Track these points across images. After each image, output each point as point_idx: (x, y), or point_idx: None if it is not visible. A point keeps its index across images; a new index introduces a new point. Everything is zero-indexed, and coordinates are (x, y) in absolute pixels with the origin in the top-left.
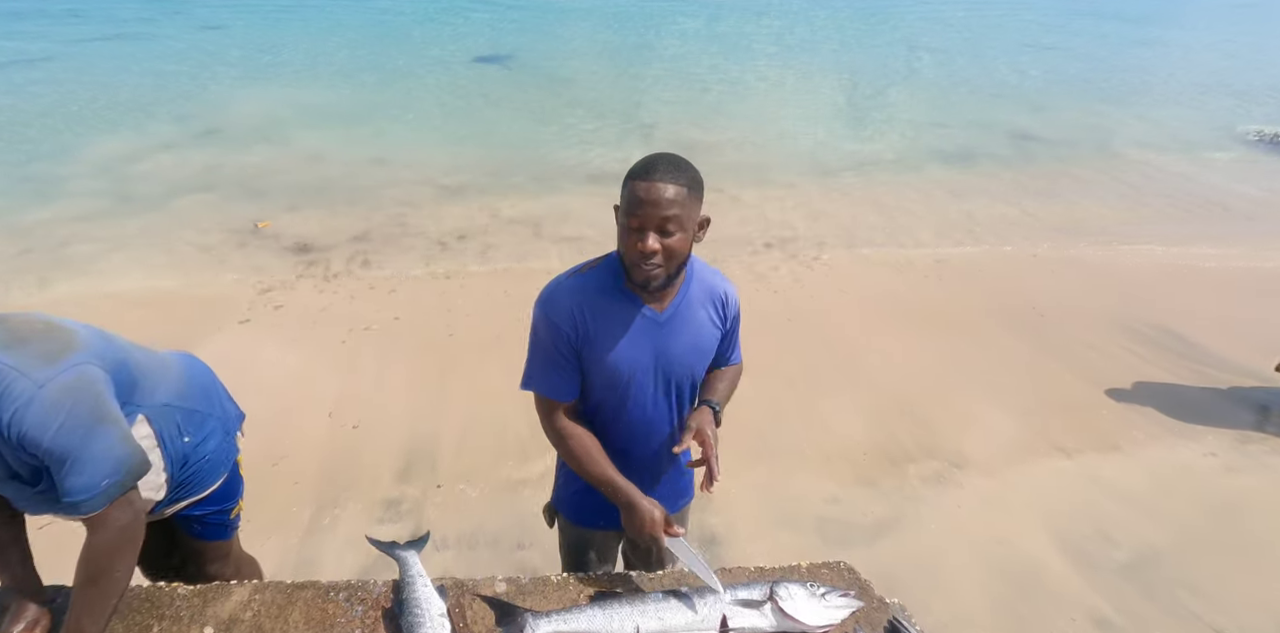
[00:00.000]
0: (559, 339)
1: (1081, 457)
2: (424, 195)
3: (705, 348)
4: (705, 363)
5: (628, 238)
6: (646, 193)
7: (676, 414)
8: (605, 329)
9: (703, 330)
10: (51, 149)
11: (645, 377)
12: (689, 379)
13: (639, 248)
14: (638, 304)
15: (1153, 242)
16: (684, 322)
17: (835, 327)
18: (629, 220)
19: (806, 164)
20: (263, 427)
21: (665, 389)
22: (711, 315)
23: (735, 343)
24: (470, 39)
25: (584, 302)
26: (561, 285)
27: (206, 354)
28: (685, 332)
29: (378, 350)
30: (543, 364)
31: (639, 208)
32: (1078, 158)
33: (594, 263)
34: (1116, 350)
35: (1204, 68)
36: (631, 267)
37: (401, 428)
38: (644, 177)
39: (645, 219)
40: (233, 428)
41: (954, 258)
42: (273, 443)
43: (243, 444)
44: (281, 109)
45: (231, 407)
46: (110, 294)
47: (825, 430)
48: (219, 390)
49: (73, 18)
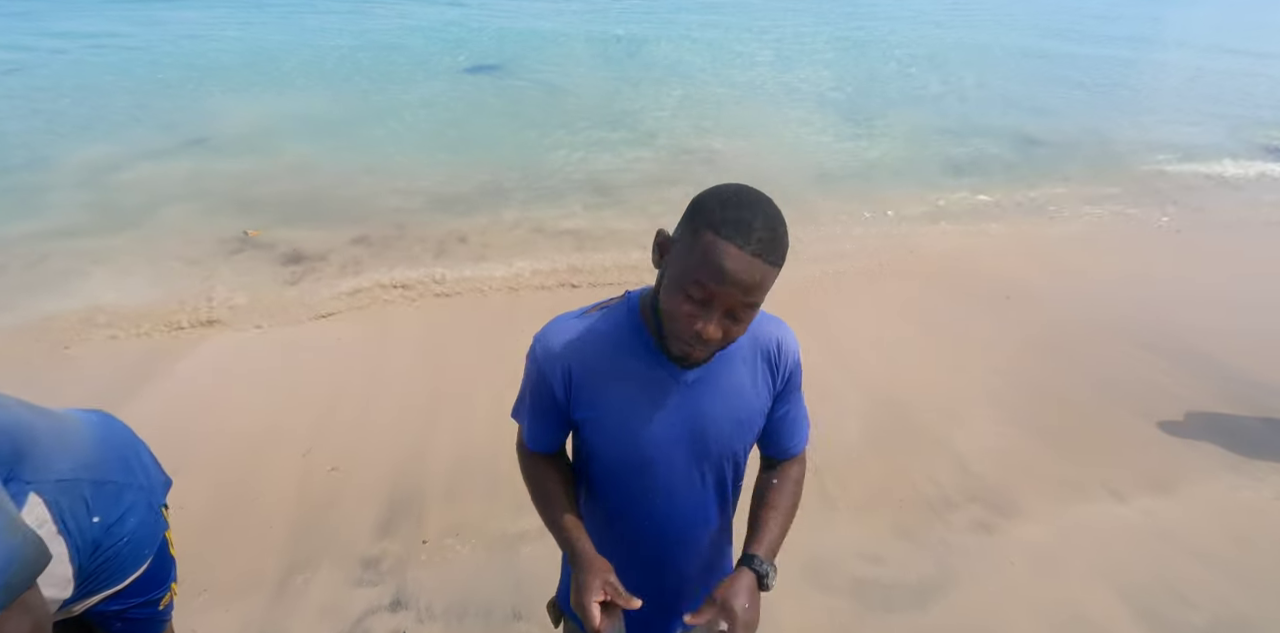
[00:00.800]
0: (543, 390)
1: (1137, 500)
2: (416, 208)
3: (746, 419)
4: (748, 440)
5: (683, 307)
6: (735, 268)
7: (718, 509)
8: (613, 393)
9: (742, 394)
10: (31, 159)
11: (673, 457)
12: (730, 460)
13: (697, 329)
14: (659, 358)
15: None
16: (717, 381)
17: (852, 355)
18: (694, 289)
19: (810, 172)
20: (229, 467)
21: (701, 474)
22: (758, 374)
23: (798, 419)
24: (461, 49)
25: (586, 354)
26: (561, 327)
27: (175, 380)
28: (719, 395)
29: (364, 379)
30: (529, 405)
31: (718, 281)
32: (1088, 165)
33: (609, 303)
34: (1153, 375)
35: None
36: (673, 338)
37: (385, 471)
38: (738, 240)
39: (719, 297)
40: (158, 499)
41: (966, 272)
42: (240, 487)
43: (173, 517)
44: (270, 118)
45: (157, 473)
46: (80, 312)
47: (855, 475)
48: (140, 454)
49: (55, 27)
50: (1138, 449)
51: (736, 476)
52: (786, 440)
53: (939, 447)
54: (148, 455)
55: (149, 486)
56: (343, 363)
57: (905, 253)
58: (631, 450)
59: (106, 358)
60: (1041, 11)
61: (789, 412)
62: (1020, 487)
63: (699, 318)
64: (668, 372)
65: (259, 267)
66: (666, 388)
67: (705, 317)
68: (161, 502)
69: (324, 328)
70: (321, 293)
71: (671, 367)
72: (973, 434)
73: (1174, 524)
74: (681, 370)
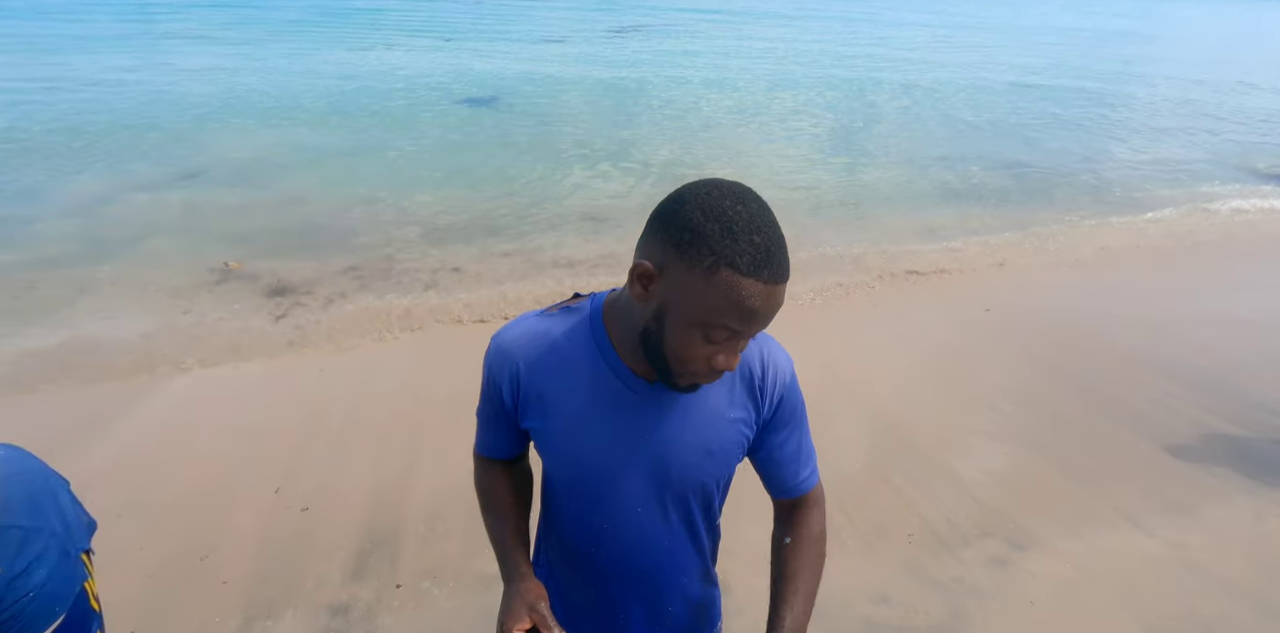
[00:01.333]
0: (492, 393)
1: (1162, 532)
2: (409, 238)
3: (719, 450)
4: (721, 475)
5: (700, 349)
6: (766, 304)
7: (692, 550)
8: (564, 403)
9: (715, 421)
10: (22, 190)
11: (627, 483)
12: (699, 494)
13: (719, 364)
14: (618, 369)
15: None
16: (685, 402)
17: (851, 379)
18: (718, 333)
19: (805, 196)
20: (194, 507)
21: (663, 507)
22: (735, 399)
23: (800, 452)
24: (456, 80)
25: (538, 358)
26: (517, 326)
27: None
28: (686, 418)
29: (344, 412)
30: (480, 407)
31: (748, 322)
32: (1081, 193)
33: (570, 302)
34: (1159, 395)
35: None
36: (682, 375)
37: (359, 510)
38: (763, 275)
39: (748, 333)
40: (76, 545)
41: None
42: (203, 530)
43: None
44: (266, 151)
45: (76, 515)
46: (57, 344)
47: (860, 507)
48: (56, 494)
49: (54, 63)
50: (1152, 474)
51: (709, 514)
52: (788, 476)
53: (947, 474)
54: (66, 494)
55: (64, 530)
56: (322, 396)
57: (902, 274)
58: (580, 469)
59: (77, 391)
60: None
61: (786, 442)
62: (1035, 517)
63: (719, 353)
64: (627, 385)
65: (243, 298)
66: (624, 403)
67: (727, 352)
68: (82, 547)
69: (304, 360)
70: (305, 325)
71: (633, 379)
72: (980, 460)
73: (1200, 555)
74: (646, 385)
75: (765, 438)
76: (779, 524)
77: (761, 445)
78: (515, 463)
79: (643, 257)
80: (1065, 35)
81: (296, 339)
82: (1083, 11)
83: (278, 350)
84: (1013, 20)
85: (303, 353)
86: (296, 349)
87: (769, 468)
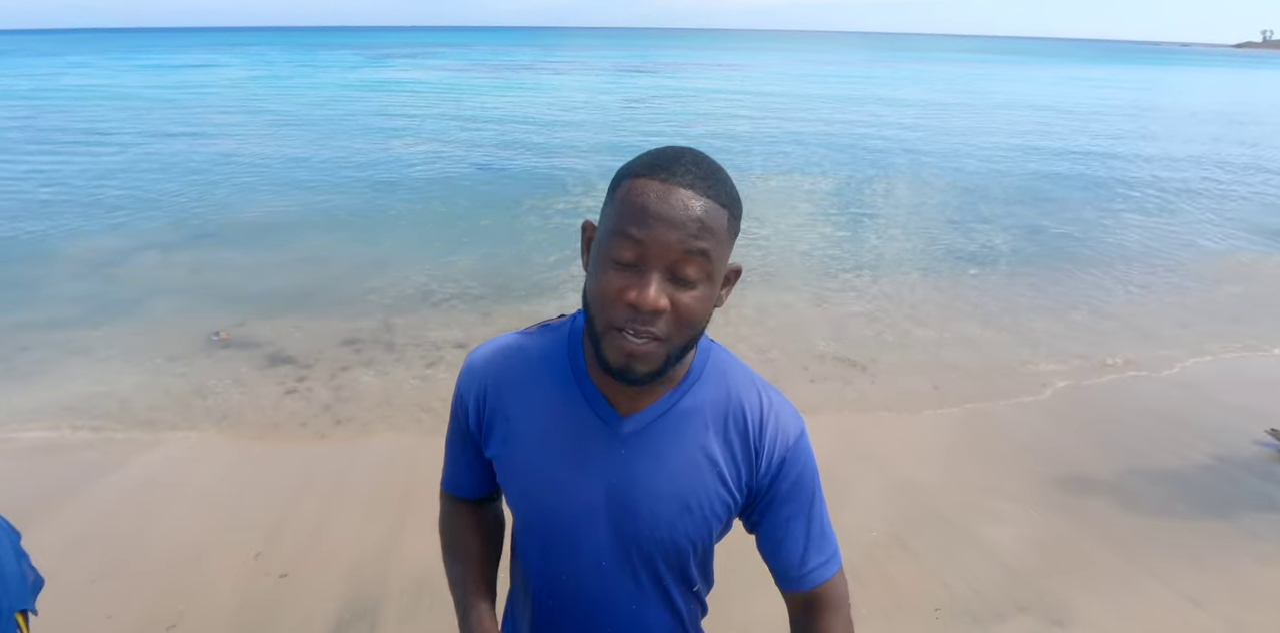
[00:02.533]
0: (458, 413)
1: (1218, 609)
2: (414, 304)
3: (698, 505)
4: (700, 536)
5: (610, 280)
6: (661, 201)
7: (661, 610)
8: (527, 428)
9: (696, 466)
10: (36, 250)
11: (590, 530)
12: (671, 552)
13: (631, 299)
14: (592, 397)
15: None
16: (662, 442)
17: (868, 439)
18: (620, 247)
19: (819, 258)
20: (169, 573)
21: (628, 559)
22: (725, 454)
23: (811, 532)
24: (465, 147)
25: (512, 372)
26: (492, 344)
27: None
28: (661, 462)
29: (332, 478)
30: (449, 438)
31: (642, 226)
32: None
33: (555, 320)
34: (1191, 453)
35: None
36: (606, 332)
37: (341, 577)
38: (658, 174)
39: (652, 248)
40: (13, 603)
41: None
42: (176, 596)
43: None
44: (278, 213)
45: (18, 571)
46: (42, 406)
47: (881, 578)
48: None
49: (90, 133)
50: (1196, 539)
51: (685, 579)
52: (793, 561)
53: (973, 541)
54: (9, 548)
55: (2, 587)
56: (309, 460)
57: (915, 332)
58: (536, 507)
59: (58, 455)
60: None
61: (793, 519)
62: (1074, 590)
63: (632, 285)
64: (597, 412)
65: (237, 365)
66: (592, 435)
67: (638, 280)
68: (20, 606)
69: (296, 431)
70: (301, 398)
71: (605, 407)
72: (1008, 525)
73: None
74: (619, 418)
75: (766, 512)
76: (796, 628)
77: (762, 520)
78: (484, 504)
79: None
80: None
81: (292, 412)
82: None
83: (268, 421)
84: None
85: (296, 422)
86: (293, 424)
87: (771, 548)
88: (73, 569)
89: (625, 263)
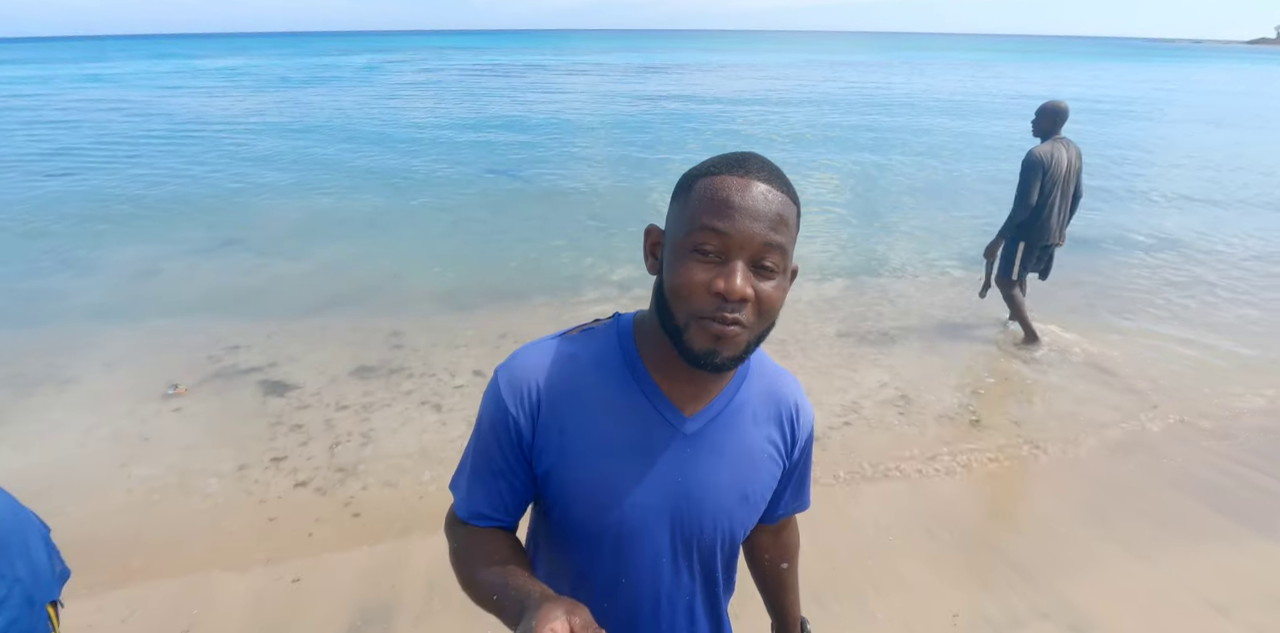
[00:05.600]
0: (501, 431)
1: (1243, 615)
2: (428, 315)
3: (754, 493)
4: (749, 523)
5: (693, 271)
6: (742, 194)
7: (707, 619)
8: (589, 436)
9: (754, 461)
10: (63, 263)
11: (653, 533)
12: (727, 546)
13: (719, 288)
14: (655, 399)
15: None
16: (724, 437)
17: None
18: (700, 239)
19: (839, 263)
20: (185, 577)
21: (689, 563)
22: (773, 440)
23: (804, 483)
24: (477, 152)
25: (564, 380)
26: (532, 352)
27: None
28: (724, 457)
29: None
30: (476, 462)
31: (726, 218)
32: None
33: (593, 324)
34: (1211, 457)
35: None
36: (690, 323)
37: (353, 582)
38: (735, 170)
39: (735, 239)
40: (43, 594)
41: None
42: (190, 601)
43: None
44: (299, 221)
45: (48, 563)
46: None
47: (898, 585)
48: (27, 539)
49: (110, 143)
50: (1221, 546)
51: (730, 567)
52: (777, 510)
53: (991, 547)
54: (40, 541)
55: (32, 578)
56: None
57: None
58: (601, 516)
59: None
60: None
61: (794, 479)
62: (1097, 597)
63: (717, 277)
64: (663, 413)
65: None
66: (658, 436)
67: (725, 271)
68: (49, 598)
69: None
70: (306, 406)
71: (669, 407)
72: (1025, 530)
73: None
74: (683, 416)
75: (784, 481)
76: (765, 548)
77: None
78: (510, 535)
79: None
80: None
81: (284, 421)
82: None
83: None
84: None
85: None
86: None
87: (774, 499)
88: (83, 571)
89: (709, 253)
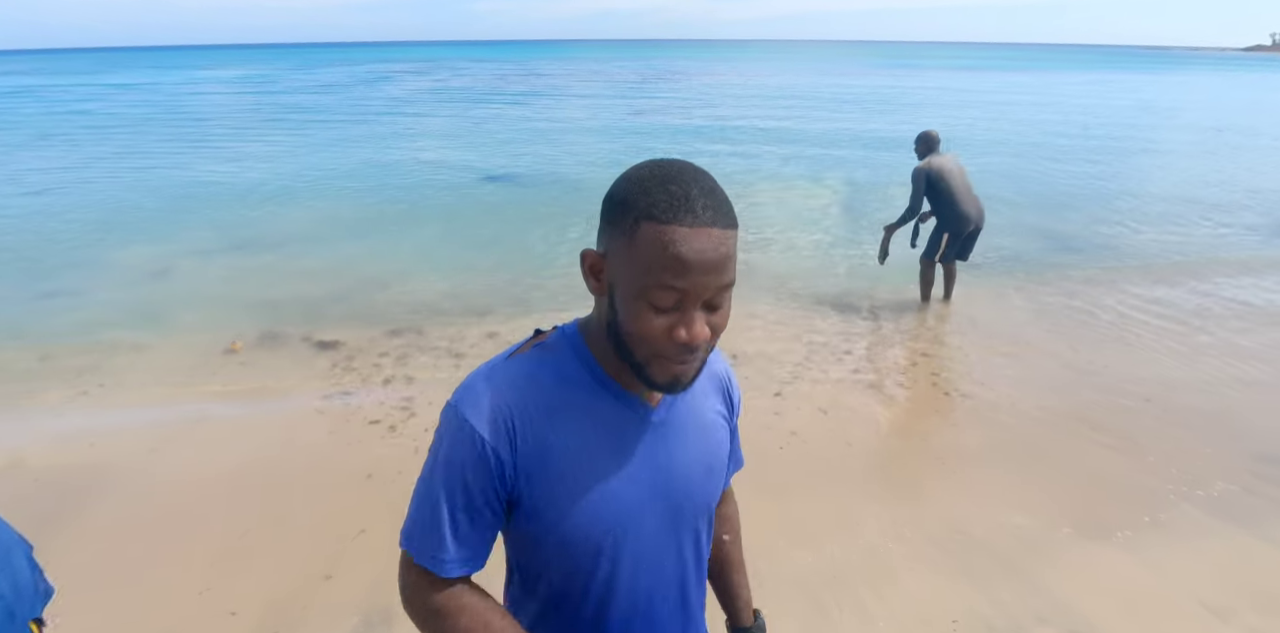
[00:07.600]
0: (480, 464)
1: (1241, 620)
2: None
3: (717, 464)
4: (718, 489)
5: (654, 322)
6: (696, 249)
7: (696, 586)
8: (575, 445)
9: (711, 433)
10: (74, 262)
11: (642, 524)
12: (706, 518)
13: (682, 338)
14: (623, 398)
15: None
16: (685, 419)
17: (880, 456)
18: (659, 295)
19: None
20: (197, 571)
21: (678, 543)
22: (718, 409)
23: (738, 442)
24: (476, 158)
25: (534, 401)
26: (488, 379)
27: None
28: (688, 436)
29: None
30: (432, 508)
31: (682, 275)
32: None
33: (538, 340)
34: (1208, 451)
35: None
36: (651, 360)
37: (372, 582)
38: (684, 218)
39: (692, 292)
40: (24, 611)
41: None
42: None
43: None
44: (307, 224)
45: (29, 579)
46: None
47: (897, 588)
48: (8, 555)
49: (121, 151)
50: (1220, 551)
51: (709, 539)
52: (733, 462)
53: (990, 552)
54: (22, 557)
55: (13, 593)
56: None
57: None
58: (593, 520)
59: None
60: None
61: (735, 436)
62: (1100, 603)
63: (678, 325)
64: (632, 410)
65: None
66: (632, 431)
67: (684, 321)
68: (32, 615)
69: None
70: (319, 412)
71: (636, 403)
72: (1026, 535)
73: None
74: (649, 408)
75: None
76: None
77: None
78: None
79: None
80: None
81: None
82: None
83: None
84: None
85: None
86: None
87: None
88: (91, 572)
89: (664, 307)
